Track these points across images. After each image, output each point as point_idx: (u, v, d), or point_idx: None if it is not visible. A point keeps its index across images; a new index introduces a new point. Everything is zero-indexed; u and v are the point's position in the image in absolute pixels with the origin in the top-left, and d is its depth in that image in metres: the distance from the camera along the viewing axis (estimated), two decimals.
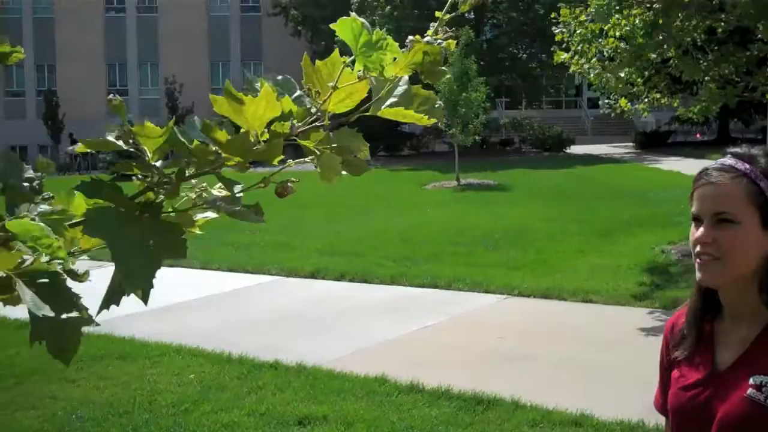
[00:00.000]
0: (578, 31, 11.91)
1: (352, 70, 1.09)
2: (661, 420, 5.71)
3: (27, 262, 0.90)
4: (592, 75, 12.11)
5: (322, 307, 9.39)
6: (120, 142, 1.02)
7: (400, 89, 1.17)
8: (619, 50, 11.53)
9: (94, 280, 1.02)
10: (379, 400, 6.10)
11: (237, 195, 1.07)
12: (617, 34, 11.34)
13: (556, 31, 12.54)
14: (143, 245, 0.94)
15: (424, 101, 1.18)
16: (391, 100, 1.15)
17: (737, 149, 1.75)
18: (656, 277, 10.26)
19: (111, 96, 1.06)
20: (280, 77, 1.18)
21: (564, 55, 12.37)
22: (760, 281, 1.69)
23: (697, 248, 1.71)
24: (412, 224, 16.18)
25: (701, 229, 1.70)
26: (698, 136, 42.58)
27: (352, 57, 1.09)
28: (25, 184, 0.97)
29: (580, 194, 19.25)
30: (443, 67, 1.17)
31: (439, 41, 1.17)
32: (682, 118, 14.47)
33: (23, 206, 0.94)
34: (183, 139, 1.02)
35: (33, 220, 0.92)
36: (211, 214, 1.11)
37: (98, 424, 5.78)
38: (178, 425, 5.70)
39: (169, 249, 0.97)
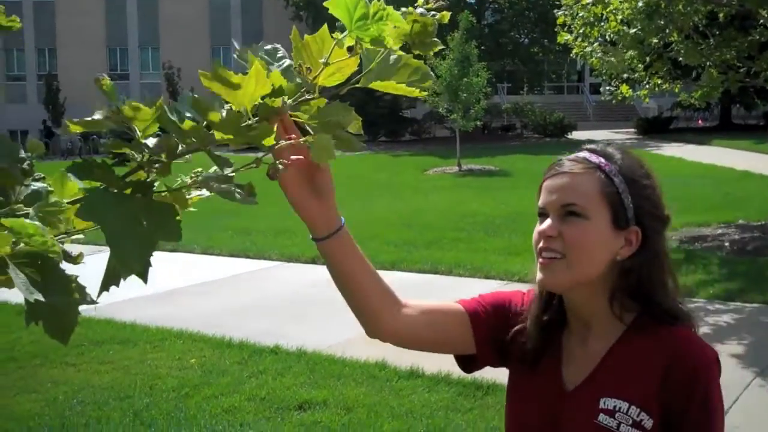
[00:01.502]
0: (580, 15, 11.88)
1: (342, 45, 1.08)
2: None
3: (20, 245, 0.89)
4: (594, 59, 12.09)
5: (322, 293, 9.38)
6: (110, 122, 1.01)
7: (391, 58, 1.16)
8: (621, 34, 11.50)
9: (98, 263, 1.02)
10: (379, 385, 6.12)
11: (229, 174, 1.06)
12: (619, 17, 11.31)
13: (559, 13, 12.51)
14: (136, 226, 0.93)
15: (414, 71, 1.17)
16: (381, 70, 1.15)
17: (592, 145, 1.63)
18: None
19: (99, 75, 1.04)
20: (268, 46, 1.16)
21: (567, 36, 12.34)
22: (611, 290, 1.55)
23: (540, 243, 1.55)
24: (413, 209, 16.18)
25: (547, 221, 1.55)
26: (700, 122, 42.48)
27: (344, 33, 1.07)
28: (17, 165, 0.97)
29: None
30: (435, 38, 1.15)
31: (432, 12, 1.14)
32: (684, 104, 14.43)
33: (15, 188, 0.93)
34: (173, 118, 1.00)
35: (27, 214, 0.90)
36: (204, 192, 1.10)
37: (99, 408, 5.79)
38: (179, 409, 5.72)
39: (163, 230, 0.95)
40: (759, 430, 5.28)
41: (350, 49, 1.09)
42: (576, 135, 37.56)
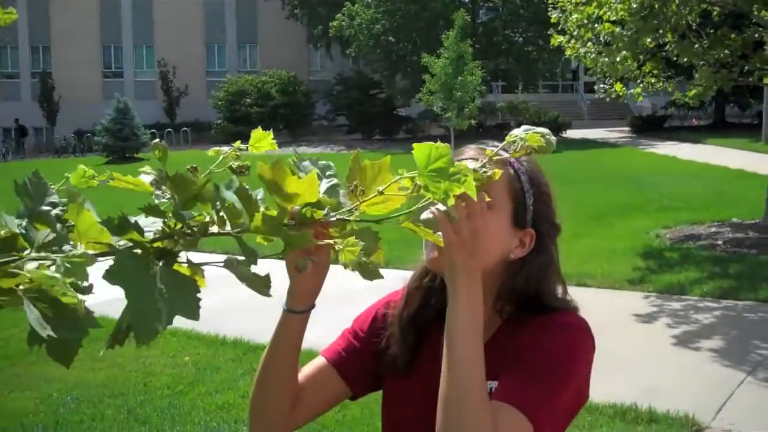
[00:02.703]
0: (574, 16, 11.89)
1: (400, 181, 1.15)
2: (654, 402, 5.65)
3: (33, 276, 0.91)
4: (588, 59, 12.11)
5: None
6: (154, 188, 1.04)
7: (429, 213, 1.25)
8: (615, 35, 11.51)
9: None
10: None
11: (253, 263, 1.10)
12: (613, 18, 11.33)
13: (553, 15, 12.52)
14: (158, 297, 0.95)
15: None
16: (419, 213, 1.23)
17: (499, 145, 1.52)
18: (650, 261, 10.28)
19: (155, 142, 1.08)
20: (323, 162, 1.21)
21: (560, 39, 12.36)
22: (497, 290, 1.54)
23: None
24: None
25: None
26: (694, 120, 42.57)
27: (411, 173, 1.13)
28: (47, 208, 0.97)
29: (576, 178, 19.26)
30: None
31: (484, 170, 1.23)
32: (678, 103, 14.48)
33: (42, 233, 0.93)
34: (217, 199, 1.03)
35: (54, 262, 0.91)
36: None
37: (93, 405, 5.79)
38: (173, 407, 5.72)
39: (182, 307, 0.97)
40: (752, 427, 5.30)
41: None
42: (570, 133, 37.61)
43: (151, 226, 1.02)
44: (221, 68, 50.84)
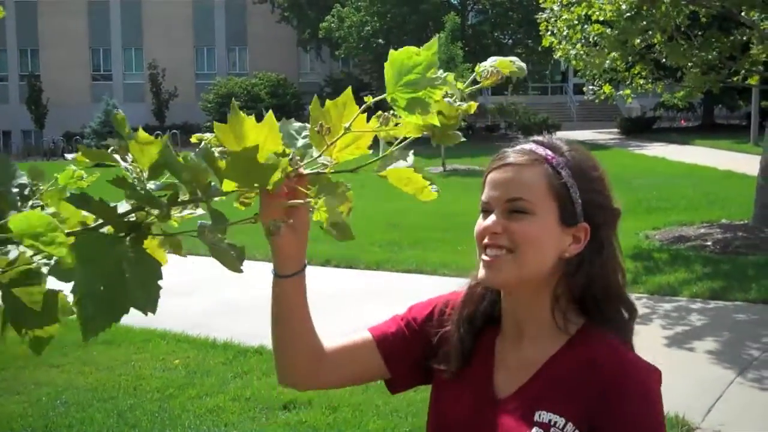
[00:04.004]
0: (564, 17, 11.93)
1: (369, 119, 1.10)
2: None
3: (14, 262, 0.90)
4: (576, 60, 12.14)
5: (307, 293, 9.36)
6: (117, 157, 1.02)
7: (409, 161, 1.18)
8: (604, 36, 11.55)
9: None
10: (364, 385, 6.11)
11: (223, 229, 1.08)
12: (602, 19, 11.37)
13: (542, 16, 12.56)
14: (115, 283, 0.92)
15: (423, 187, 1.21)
16: (398, 164, 1.17)
17: (538, 137, 1.53)
18: (640, 263, 10.30)
19: (115, 111, 1.07)
20: (297, 124, 1.19)
21: (552, 39, 12.40)
22: (554, 294, 1.45)
23: (485, 240, 1.45)
24: (398, 209, 16.17)
25: (491, 217, 1.45)
26: (683, 122, 42.70)
27: (379, 96, 1.08)
28: (16, 190, 0.96)
29: None
30: (458, 132, 1.14)
31: (458, 103, 1.14)
32: (667, 104, 14.54)
33: (10, 214, 0.93)
34: (177, 159, 1.01)
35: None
36: (199, 211, 1.11)
37: (83, 409, 5.77)
38: (163, 410, 5.70)
39: (140, 296, 0.96)
40: (742, 427, 5.32)
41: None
42: (560, 135, 37.39)
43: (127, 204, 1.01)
44: (210, 70, 50.75)
